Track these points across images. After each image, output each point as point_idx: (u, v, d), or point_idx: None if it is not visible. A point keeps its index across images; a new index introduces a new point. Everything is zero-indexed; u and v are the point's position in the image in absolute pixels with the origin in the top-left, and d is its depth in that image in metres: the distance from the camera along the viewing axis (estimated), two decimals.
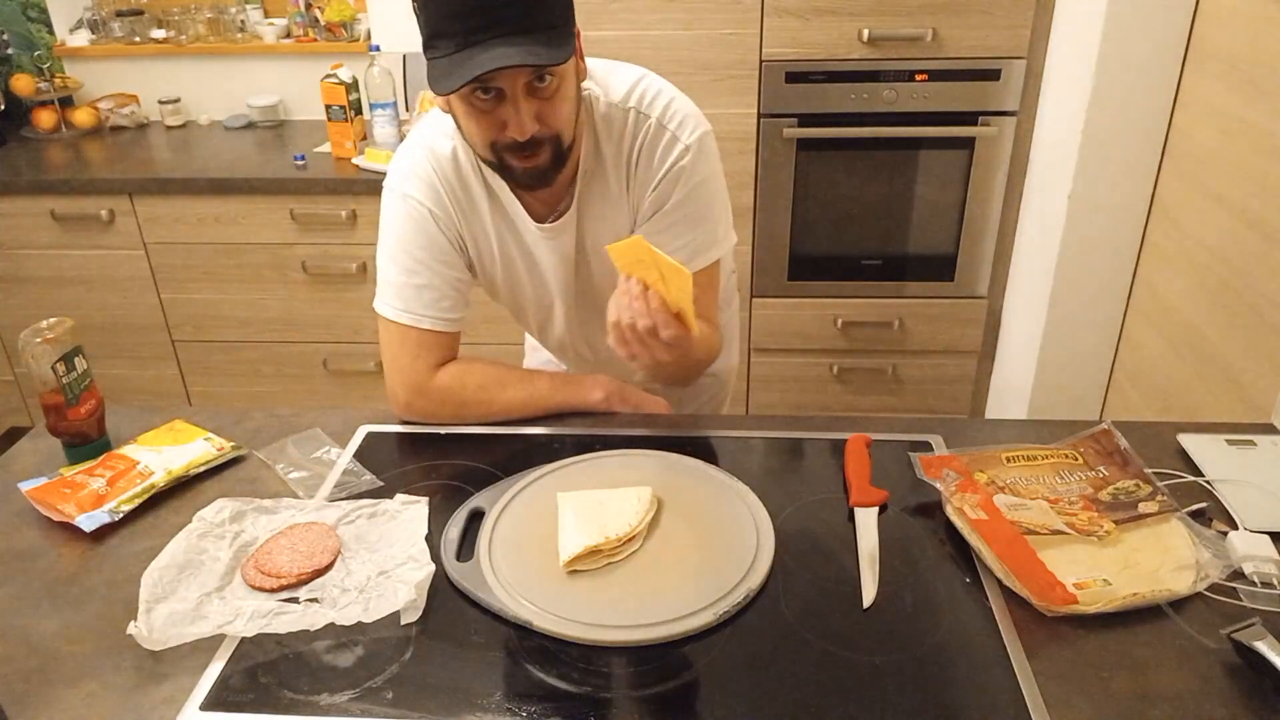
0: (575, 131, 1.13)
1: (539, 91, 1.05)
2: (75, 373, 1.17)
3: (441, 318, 1.23)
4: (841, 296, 2.46)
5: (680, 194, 1.19)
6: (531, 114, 1.05)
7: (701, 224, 1.21)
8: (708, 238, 1.23)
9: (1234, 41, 1.67)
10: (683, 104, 1.19)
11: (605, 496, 1.06)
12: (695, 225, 1.21)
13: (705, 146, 1.19)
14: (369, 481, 1.14)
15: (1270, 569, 0.94)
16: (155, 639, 0.89)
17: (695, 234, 1.21)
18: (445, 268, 1.23)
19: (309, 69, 2.77)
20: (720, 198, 1.25)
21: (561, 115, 1.09)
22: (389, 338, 1.24)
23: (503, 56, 0.98)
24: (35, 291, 2.58)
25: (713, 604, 0.92)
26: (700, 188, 1.19)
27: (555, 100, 1.07)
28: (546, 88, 1.05)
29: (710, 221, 1.23)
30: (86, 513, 1.06)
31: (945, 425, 1.23)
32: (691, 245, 1.21)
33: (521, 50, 0.99)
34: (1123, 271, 2.04)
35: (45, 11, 2.84)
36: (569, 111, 1.10)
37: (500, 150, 1.09)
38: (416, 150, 1.22)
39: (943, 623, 0.91)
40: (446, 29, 1.01)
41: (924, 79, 2.21)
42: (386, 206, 1.24)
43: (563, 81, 1.07)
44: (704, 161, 1.19)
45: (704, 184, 1.20)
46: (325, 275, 2.48)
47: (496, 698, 0.84)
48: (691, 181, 1.18)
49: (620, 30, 2.20)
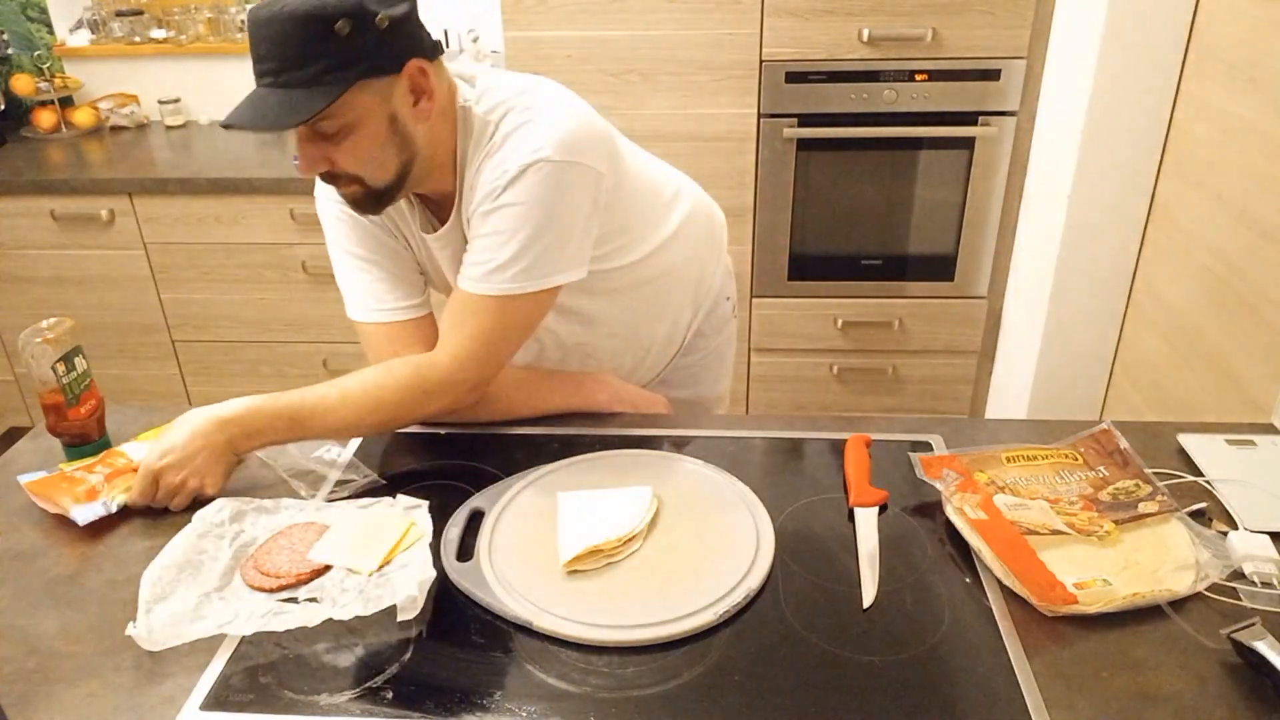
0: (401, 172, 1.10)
1: (324, 136, 1.06)
2: (75, 373, 1.17)
3: (402, 305, 1.22)
4: (841, 296, 2.46)
5: (486, 208, 1.11)
6: (316, 155, 1.07)
7: (501, 249, 1.11)
8: (505, 268, 1.11)
9: (1234, 41, 1.67)
10: (541, 127, 1.10)
11: (605, 496, 1.06)
12: (495, 248, 1.11)
13: (535, 174, 1.08)
14: (370, 480, 1.14)
15: (1270, 569, 0.94)
16: (155, 639, 0.88)
17: (488, 256, 1.12)
18: (388, 259, 1.23)
19: None
20: (539, 231, 1.10)
21: (351, 160, 1.07)
22: (366, 340, 1.24)
23: (239, 112, 1.03)
24: (35, 291, 2.58)
25: (713, 604, 0.92)
26: (507, 212, 1.10)
27: (343, 146, 1.06)
28: (328, 132, 1.05)
29: (513, 250, 1.10)
30: (81, 504, 1.06)
31: (945, 425, 1.23)
32: (485, 266, 1.12)
33: (259, 107, 1.02)
34: (1123, 271, 2.04)
35: (45, 11, 2.84)
36: (366, 157, 1.08)
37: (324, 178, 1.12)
38: None
39: (943, 623, 0.91)
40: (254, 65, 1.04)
41: (924, 79, 2.21)
42: (321, 220, 1.25)
43: (350, 130, 1.05)
44: (524, 188, 1.08)
45: (514, 210, 1.09)
46: (325, 275, 2.47)
47: (496, 698, 0.84)
48: (499, 202, 1.10)
49: (620, 30, 2.20)
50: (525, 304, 1.15)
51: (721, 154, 2.31)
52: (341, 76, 1.02)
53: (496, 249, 1.11)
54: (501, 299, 1.13)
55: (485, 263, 1.12)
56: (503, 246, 1.11)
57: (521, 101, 1.13)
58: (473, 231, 1.14)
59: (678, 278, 1.36)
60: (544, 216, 1.10)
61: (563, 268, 1.14)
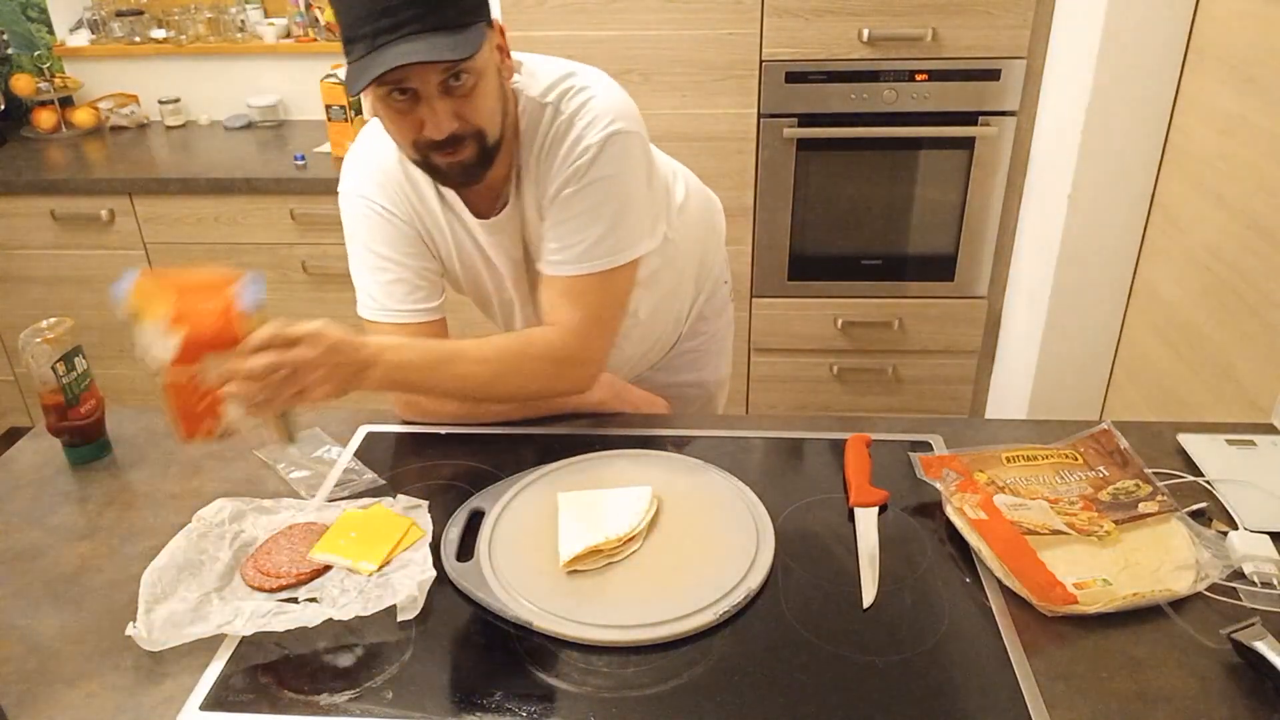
0: (503, 128, 1.11)
1: (455, 90, 1.04)
2: (75, 373, 1.17)
3: (418, 308, 1.22)
4: (841, 296, 2.46)
5: (573, 189, 1.13)
6: (449, 112, 1.04)
7: (594, 225, 1.14)
8: (600, 242, 1.14)
9: (1234, 41, 1.67)
10: (602, 101, 1.14)
11: (605, 496, 1.06)
12: (588, 225, 1.14)
13: (614, 145, 1.12)
14: (370, 480, 1.14)
15: (1270, 569, 0.94)
16: (155, 639, 0.88)
17: (587, 234, 1.14)
18: (411, 259, 1.22)
19: (309, 69, 2.77)
20: (624, 203, 1.15)
21: (482, 111, 1.07)
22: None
23: (407, 53, 0.98)
24: (35, 291, 2.58)
25: (713, 604, 0.92)
26: (596, 186, 1.13)
27: (473, 97, 1.06)
28: (462, 85, 1.04)
29: (605, 225, 1.14)
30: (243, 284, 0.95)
31: (945, 425, 1.23)
32: (581, 245, 1.14)
33: (425, 47, 0.99)
34: (1123, 271, 2.04)
35: (45, 11, 2.84)
36: (490, 108, 1.08)
37: (423, 149, 1.08)
38: (363, 153, 1.23)
39: (943, 623, 0.91)
40: (357, 32, 1.01)
41: (924, 79, 2.21)
42: (344, 212, 1.24)
43: (480, 78, 1.05)
44: (607, 161, 1.12)
45: (602, 183, 1.13)
46: (325, 275, 2.48)
47: (496, 698, 0.84)
48: (587, 179, 1.12)
49: (620, 30, 2.20)
50: (624, 275, 1.18)
51: (721, 154, 2.31)
52: (476, 19, 1.03)
53: (589, 225, 1.14)
54: (604, 275, 1.16)
55: (579, 242, 1.14)
56: (596, 222, 1.14)
57: (574, 82, 1.15)
58: (556, 215, 1.15)
59: (684, 259, 1.38)
60: (629, 186, 1.16)
61: (645, 234, 1.20)
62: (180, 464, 1.19)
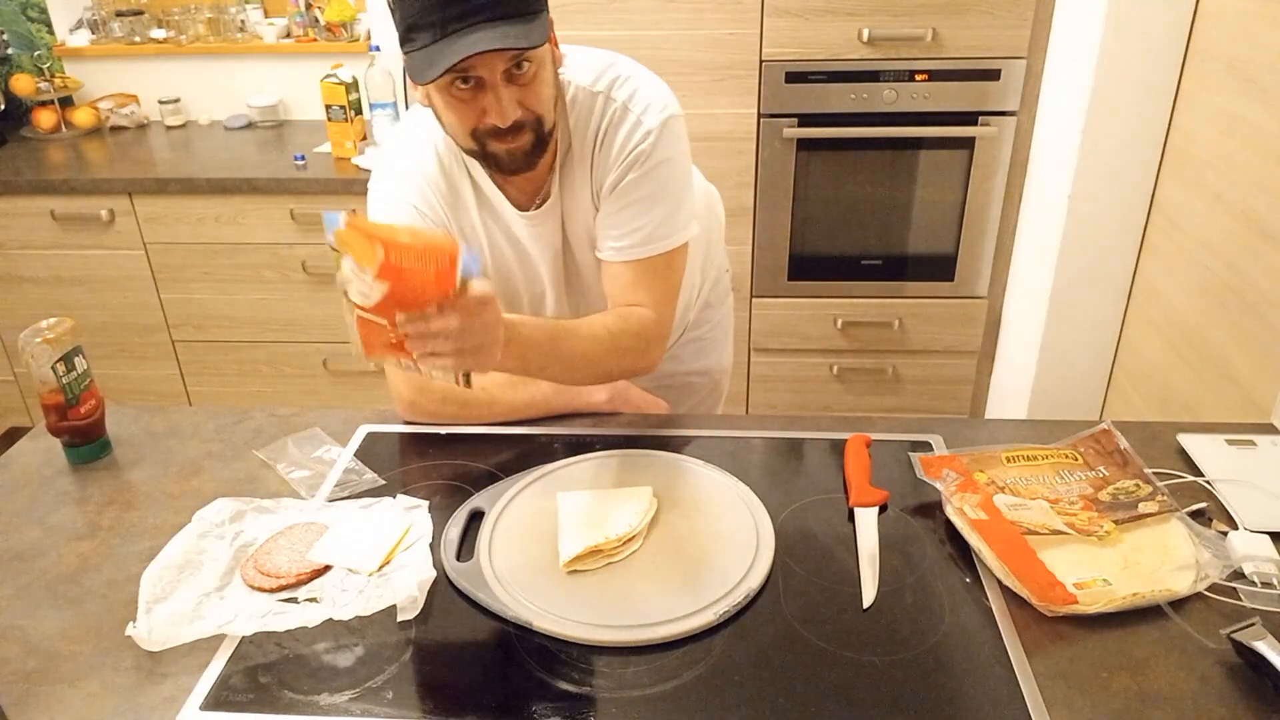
0: (555, 115, 1.13)
1: (518, 78, 1.06)
2: (75, 373, 1.17)
3: None
4: (841, 296, 2.46)
5: (637, 174, 1.16)
6: (513, 100, 1.06)
7: (658, 208, 1.18)
8: (665, 223, 1.19)
9: (1234, 41, 1.67)
10: (650, 87, 1.18)
11: (605, 496, 1.06)
12: (651, 208, 1.18)
13: (670, 130, 1.17)
14: (370, 480, 1.14)
15: (1270, 569, 0.94)
16: (155, 639, 0.89)
17: (651, 217, 1.18)
18: None
19: (309, 69, 2.77)
20: (683, 184, 1.21)
21: (543, 99, 1.09)
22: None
23: (482, 41, 0.99)
24: (35, 291, 2.58)
25: (713, 604, 0.92)
26: (659, 170, 1.17)
27: (534, 85, 1.07)
28: (525, 74, 1.06)
29: (668, 207, 1.19)
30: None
31: (945, 425, 1.23)
32: (647, 228, 1.18)
33: (499, 35, 1.00)
34: (1123, 271, 2.04)
35: (45, 11, 2.84)
36: (548, 95, 1.10)
37: (482, 137, 1.10)
38: (398, 146, 1.23)
39: (943, 623, 0.91)
40: (423, 20, 1.01)
41: (924, 79, 2.21)
42: (373, 208, 1.24)
43: (540, 67, 1.07)
44: (666, 145, 1.17)
45: (663, 167, 1.17)
46: (325, 275, 2.48)
47: (496, 698, 0.84)
48: (650, 163, 1.16)
49: (620, 30, 2.20)
50: (684, 253, 1.23)
51: (721, 154, 2.31)
52: (541, 9, 1.05)
53: (654, 208, 1.17)
54: (670, 254, 1.20)
55: (645, 225, 1.18)
56: (660, 204, 1.18)
57: (619, 70, 1.18)
58: (618, 202, 1.18)
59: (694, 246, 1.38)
60: (684, 167, 1.21)
61: (693, 213, 1.24)
62: (180, 464, 1.19)
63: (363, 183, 2.43)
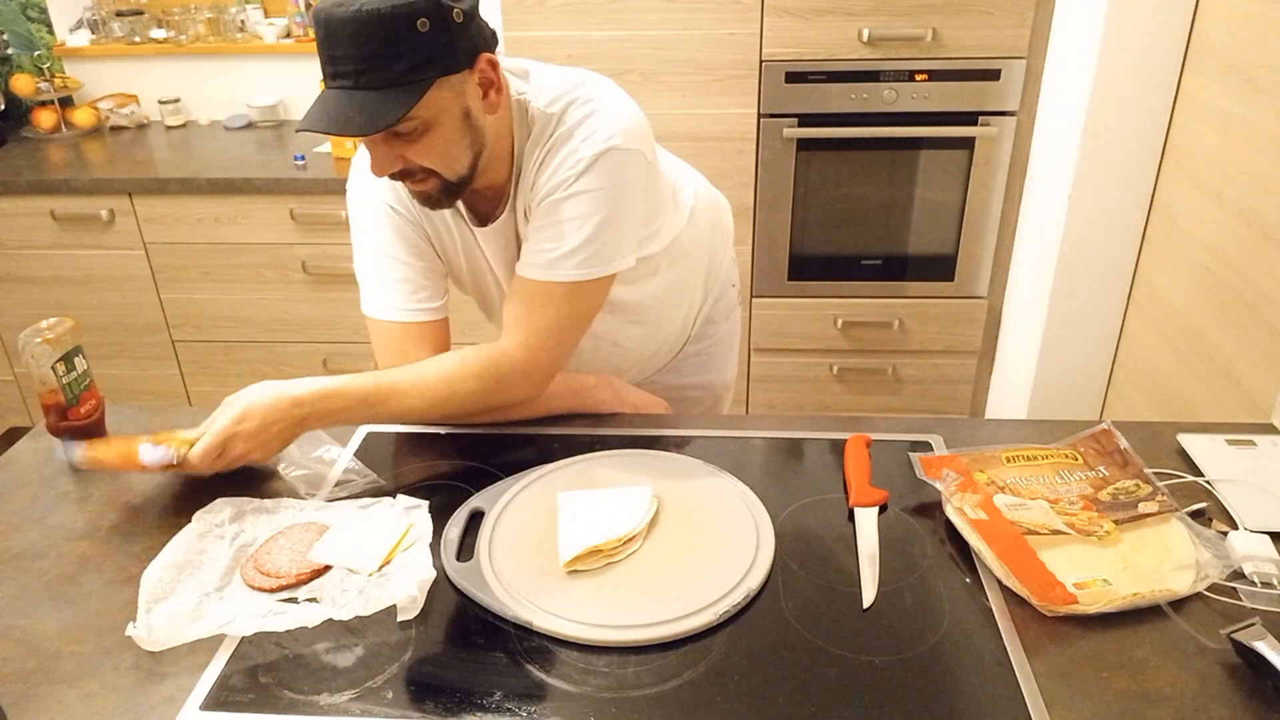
0: (471, 164, 1.11)
1: (401, 135, 1.05)
2: (75, 373, 1.17)
3: (422, 308, 1.23)
4: (841, 296, 2.46)
5: (560, 196, 1.12)
6: (390, 156, 1.06)
7: (571, 237, 1.13)
8: (576, 253, 1.13)
9: (1234, 41, 1.67)
10: (607, 116, 1.13)
11: (605, 496, 1.06)
12: (564, 235, 1.13)
13: (607, 160, 1.11)
14: (370, 480, 1.14)
15: (1270, 569, 0.94)
16: (155, 639, 0.89)
17: (562, 243, 1.13)
18: (416, 259, 1.23)
19: (309, 69, 2.77)
20: (609, 218, 1.13)
21: (430, 157, 1.07)
22: (378, 336, 1.25)
23: (317, 117, 1.01)
24: (35, 291, 2.58)
25: (713, 604, 0.92)
26: (582, 199, 1.12)
27: (421, 144, 1.06)
28: (410, 133, 1.05)
29: (583, 238, 1.13)
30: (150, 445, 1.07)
31: (945, 425, 1.23)
32: (556, 253, 1.13)
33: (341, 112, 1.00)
34: (1123, 271, 2.04)
35: (45, 11, 2.84)
36: (443, 152, 1.07)
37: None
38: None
39: (943, 623, 0.91)
40: (322, 66, 1.03)
41: (924, 79, 2.21)
42: (351, 209, 1.25)
43: (431, 126, 1.05)
44: (598, 175, 1.11)
45: (588, 196, 1.12)
46: (325, 275, 2.48)
47: (496, 698, 0.84)
48: (575, 189, 1.12)
49: (620, 30, 2.20)
50: (592, 290, 1.17)
51: (721, 154, 2.31)
52: (422, 75, 1.01)
53: (566, 235, 1.13)
54: (571, 286, 1.15)
55: (552, 249, 1.14)
56: (575, 233, 1.13)
57: (582, 93, 1.15)
58: (537, 220, 1.15)
59: (693, 262, 1.39)
60: (614, 202, 1.13)
61: (624, 253, 1.17)
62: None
63: None
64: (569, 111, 1.14)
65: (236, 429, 1.08)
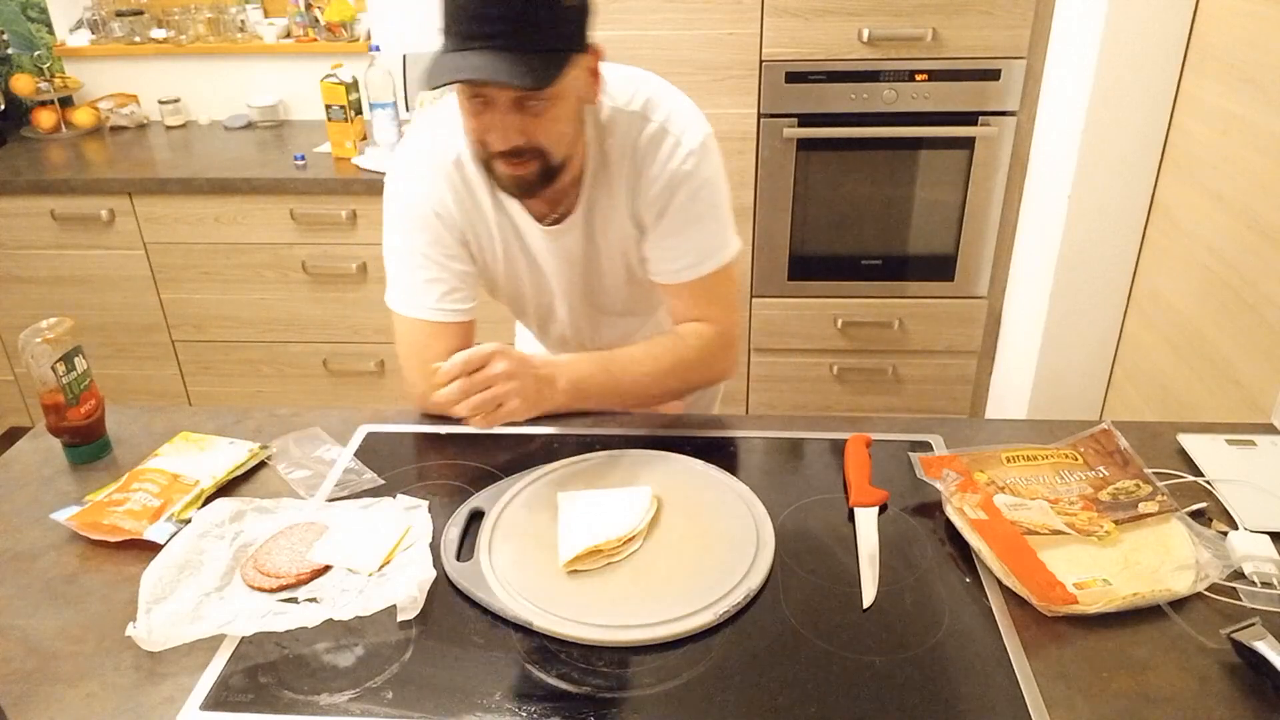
0: (572, 150, 1.12)
1: (527, 107, 1.05)
2: (75, 373, 1.17)
3: (453, 309, 1.23)
4: (841, 296, 2.46)
5: (683, 197, 1.18)
6: (516, 127, 1.06)
7: (707, 225, 1.21)
8: (714, 241, 1.22)
9: (1234, 41, 1.67)
10: (685, 107, 1.19)
11: (605, 496, 1.06)
12: (701, 228, 1.21)
13: (708, 148, 1.19)
14: (370, 480, 1.14)
15: (1270, 569, 0.94)
16: (155, 640, 0.88)
17: (702, 236, 1.21)
18: (452, 261, 1.23)
19: (309, 69, 2.77)
20: (725, 200, 1.23)
21: (550, 134, 1.08)
22: (404, 333, 1.25)
23: (475, 68, 1.00)
24: (35, 291, 2.58)
25: (713, 604, 0.92)
26: (704, 190, 1.19)
27: (544, 119, 1.06)
28: (535, 106, 1.05)
29: (716, 223, 1.22)
30: (155, 523, 1.04)
31: (945, 425, 1.23)
32: (698, 249, 1.21)
33: (498, 66, 0.99)
34: (1123, 271, 2.04)
35: (45, 11, 2.84)
36: (560, 132, 1.09)
37: (488, 154, 1.10)
38: (418, 147, 1.23)
39: (943, 623, 0.91)
40: (450, 27, 1.02)
41: (924, 79, 2.21)
42: (390, 203, 1.24)
43: (555, 103, 1.06)
44: (706, 164, 1.18)
45: (707, 186, 1.19)
46: (325, 275, 2.48)
47: (496, 698, 0.84)
48: (695, 183, 1.18)
49: (620, 30, 2.20)
50: (735, 263, 1.26)
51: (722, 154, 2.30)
52: (565, 45, 1.04)
53: (706, 225, 1.21)
54: (729, 265, 1.24)
55: (700, 245, 1.21)
56: (711, 220, 1.21)
57: (651, 90, 1.19)
58: (672, 222, 1.20)
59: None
60: (723, 181, 1.23)
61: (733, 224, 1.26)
62: None
63: (362, 183, 2.45)
64: (650, 108, 1.17)
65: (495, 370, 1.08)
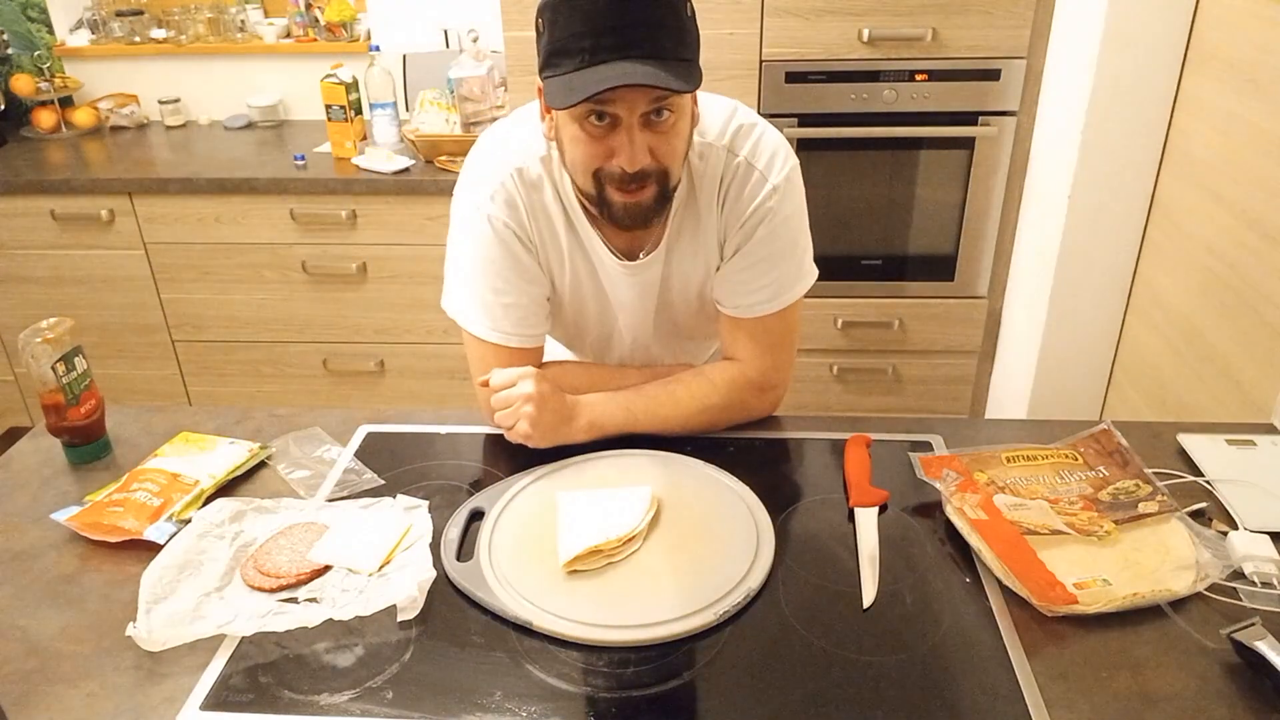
0: (680, 175, 1.10)
1: (655, 125, 1.02)
2: (75, 373, 1.17)
3: (528, 334, 1.20)
4: (841, 296, 2.46)
5: (764, 232, 1.16)
6: (644, 145, 1.02)
7: (784, 262, 1.19)
8: (790, 276, 1.20)
9: (1234, 42, 1.67)
10: (772, 139, 1.16)
11: (605, 496, 1.06)
12: (778, 264, 1.18)
13: (792, 183, 1.16)
14: (370, 480, 1.14)
15: (1270, 569, 0.94)
16: (155, 639, 0.89)
17: (779, 272, 1.18)
18: (530, 285, 1.19)
19: (309, 69, 2.77)
20: (804, 234, 1.22)
21: (675, 152, 1.06)
22: (479, 355, 1.21)
23: (635, 74, 0.95)
24: (35, 291, 2.58)
25: (713, 604, 0.92)
26: (784, 225, 1.16)
27: (670, 135, 1.04)
28: (664, 121, 1.02)
29: (794, 260, 1.20)
30: (155, 524, 1.04)
31: (945, 425, 1.23)
32: (775, 284, 1.19)
33: (649, 73, 0.96)
34: (1123, 271, 2.04)
35: (45, 11, 2.84)
36: (680, 149, 1.07)
37: (604, 180, 1.05)
38: (501, 166, 1.16)
39: (943, 623, 0.91)
40: (573, 45, 0.98)
41: (924, 79, 2.21)
42: (468, 221, 1.17)
43: (680, 118, 1.04)
44: (790, 199, 1.16)
45: (788, 221, 1.17)
46: (325, 275, 2.48)
47: (496, 698, 0.84)
48: (776, 220, 1.15)
49: None
50: (800, 302, 1.24)
51: None
52: (693, 56, 1.04)
53: (780, 264, 1.18)
54: (793, 306, 1.22)
55: (771, 282, 1.18)
56: (786, 259, 1.19)
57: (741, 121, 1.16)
58: (748, 257, 1.17)
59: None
60: (804, 215, 1.21)
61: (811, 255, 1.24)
62: None
63: (362, 182, 2.44)
64: (737, 141, 1.15)
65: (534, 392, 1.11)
